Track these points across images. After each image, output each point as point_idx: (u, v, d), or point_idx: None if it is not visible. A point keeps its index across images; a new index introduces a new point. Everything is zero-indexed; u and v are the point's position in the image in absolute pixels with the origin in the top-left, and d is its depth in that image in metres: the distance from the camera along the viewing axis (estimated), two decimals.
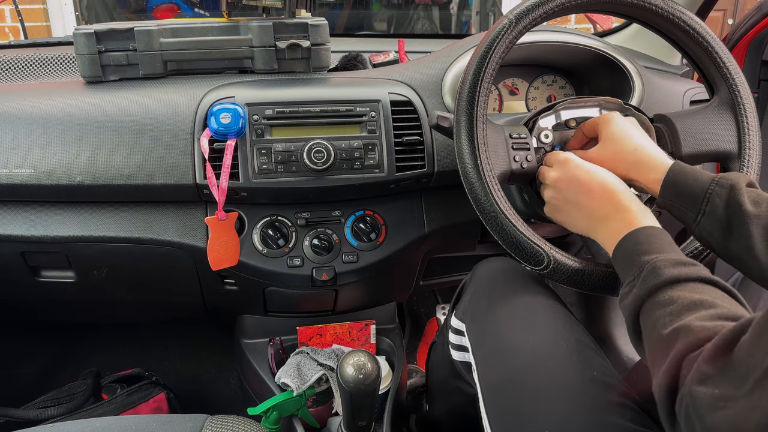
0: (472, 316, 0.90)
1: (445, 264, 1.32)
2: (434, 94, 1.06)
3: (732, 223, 0.70)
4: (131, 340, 1.63)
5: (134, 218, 1.00)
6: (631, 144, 0.81)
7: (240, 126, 0.94)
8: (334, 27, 3.22)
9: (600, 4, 0.88)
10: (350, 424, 0.93)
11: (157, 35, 1.02)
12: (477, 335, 0.87)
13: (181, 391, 1.42)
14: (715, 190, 0.72)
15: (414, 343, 1.68)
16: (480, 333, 0.86)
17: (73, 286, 1.10)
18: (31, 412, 1.21)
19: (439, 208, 1.10)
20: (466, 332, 0.90)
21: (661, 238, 0.69)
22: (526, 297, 0.86)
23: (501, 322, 0.84)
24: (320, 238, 1.03)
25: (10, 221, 1.00)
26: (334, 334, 1.17)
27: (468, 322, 0.90)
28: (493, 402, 0.77)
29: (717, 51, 0.89)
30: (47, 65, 1.17)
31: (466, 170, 0.81)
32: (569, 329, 0.80)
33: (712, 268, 1.43)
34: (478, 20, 3.59)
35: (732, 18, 3.78)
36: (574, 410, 0.69)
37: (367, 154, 0.99)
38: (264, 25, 1.03)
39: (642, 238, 0.69)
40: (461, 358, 0.94)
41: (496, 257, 1.01)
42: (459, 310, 0.95)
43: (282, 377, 1.08)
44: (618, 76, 1.12)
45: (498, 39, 0.83)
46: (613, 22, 1.57)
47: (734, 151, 0.89)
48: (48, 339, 1.60)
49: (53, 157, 0.94)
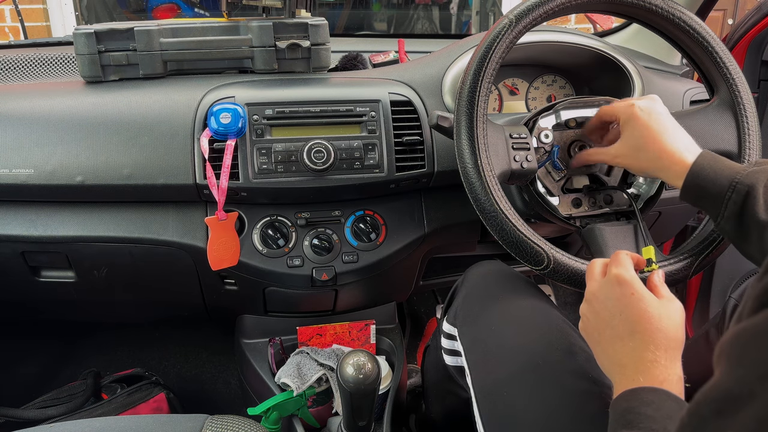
0: (464, 320, 0.89)
1: (445, 264, 1.32)
2: (434, 94, 1.06)
3: (748, 229, 0.69)
4: (131, 340, 1.63)
5: (134, 218, 1.00)
6: (654, 143, 0.78)
7: (240, 126, 0.94)
8: (334, 27, 3.23)
9: (600, 4, 0.88)
10: (350, 424, 0.93)
11: (157, 35, 1.02)
12: (470, 339, 0.86)
13: (181, 391, 1.42)
14: (732, 198, 0.70)
15: (414, 343, 1.68)
16: (473, 337, 0.86)
17: (73, 286, 1.10)
18: (31, 412, 1.21)
19: (439, 208, 1.10)
20: (458, 336, 0.89)
21: (660, 406, 0.57)
22: (518, 300, 0.86)
23: (493, 326, 0.83)
24: (320, 238, 1.03)
25: (10, 221, 1.00)
26: (334, 334, 1.17)
27: (460, 326, 0.90)
28: (486, 406, 0.77)
29: (717, 51, 0.89)
30: (47, 65, 1.16)
31: (466, 170, 0.81)
32: (563, 333, 0.79)
33: (711, 269, 1.43)
34: (478, 20, 3.59)
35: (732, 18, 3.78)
36: (568, 414, 0.69)
37: (367, 154, 0.99)
38: (264, 25, 1.03)
39: (635, 403, 0.57)
40: (454, 363, 0.93)
41: (488, 260, 1.01)
42: (450, 315, 0.94)
43: (282, 377, 1.08)
44: (618, 76, 1.12)
45: (498, 39, 0.83)
46: (613, 22, 1.57)
47: (734, 151, 0.89)
48: (48, 339, 1.60)
49: (53, 157, 0.94)
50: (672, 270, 0.84)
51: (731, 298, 1.20)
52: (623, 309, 0.64)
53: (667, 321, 0.63)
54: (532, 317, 0.82)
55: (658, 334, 0.62)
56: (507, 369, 0.77)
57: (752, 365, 0.34)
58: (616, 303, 0.65)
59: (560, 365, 0.74)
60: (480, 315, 0.86)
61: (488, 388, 0.78)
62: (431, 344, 1.07)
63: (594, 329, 0.68)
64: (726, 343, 0.36)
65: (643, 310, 0.63)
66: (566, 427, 0.68)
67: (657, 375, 0.60)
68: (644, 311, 0.63)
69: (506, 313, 0.84)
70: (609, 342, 0.65)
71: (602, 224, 0.89)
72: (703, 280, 1.46)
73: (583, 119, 0.94)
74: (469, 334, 0.87)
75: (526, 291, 0.88)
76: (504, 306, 0.85)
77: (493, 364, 0.79)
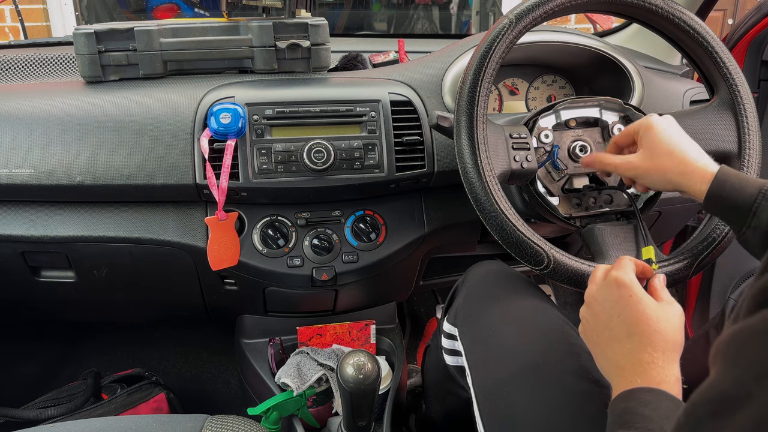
0: (465, 320, 0.89)
1: (445, 264, 1.32)
2: (434, 94, 1.06)
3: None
4: (131, 340, 1.63)
5: (134, 218, 1.00)
6: (675, 153, 0.76)
7: (240, 126, 0.94)
8: (334, 27, 3.22)
9: (600, 4, 0.88)
10: (350, 424, 0.93)
11: (157, 35, 1.02)
12: (470, 339, 0.86)
13: (181, 391, 1.42)
14: (762, 205, 0.68)
15: (414, 343, 1.68)
16: (473, 337, 0.86)
17: (73, 286, 1.10)
18: (31, 412, 1.21)
19: (439, 208, 1.10)
20: (459, 336, 0.89)
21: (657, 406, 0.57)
22: (519, 300, 0.86)
23: (494, 326, 0.83)
24: (320, 238, 1.03)
25: (10, 221, 1.00)
26: (334, 334, 1.17)
27: (460, 326, 0.90)
28: (487, 406, 0.77)
29: (717, 51, 0.89)
30: (47, 65, 1.17)
31: (466, 170, 0.81)
32: (563, 333, 0.79)
33: (711, 269, 1.43)
34: (478, 20, 3.59)
35: (732, 18, 3.78)
36: (568, 414, 0.69)
37: (367, 154, 0.99)
38: (264, 25, 1.03)
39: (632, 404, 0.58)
40: (455, 363, 0.93)
41: (489, 260, 1.01)
42: (451, 314, 0.95)
43: (282, 377, 1.08)
44: (618, 76, 1.12)
45: (498, 39, 0.83)
46: (613, 22, 1.57)
47: (734, 151, 0.89)
48: (48, 339, 1.60)
49: (53, 157, 0.94)
50: (672, 270, 0.84)
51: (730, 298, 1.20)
52: (621, 311, 0.65)
53: (665, 324, 0.63)
54: (532, 317, 0.82)
55: (656, 336, 0.62)
56: (507, 369, 0.76)
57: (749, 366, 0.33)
58: (614, 305, 0.66)
59: (561, 365, 0.74)
60: (480, 315, 0.86)
61: (489, 388, 0.78)
62: (432, 344, 1.07)
63: (593, 331, 0.68)
64: (722, 343, 0.36)
65: (641, 312, 0.63)
66: (567, 428, 0.68)
67: (654, 376, 0.60)
68: (642, 313, 0.63)
69: (507, 313, 0.84)
70: (607, 343, 0.65)
71: (602, 224, 0.89)
72: (703, 280, 1.45)
73: (583, 119, 0.94)
74: (469, 333, 0.87)
75: (526, 291, 0.88)
76: (504, 306, 0.85)
77: (493, 364, 0.79)
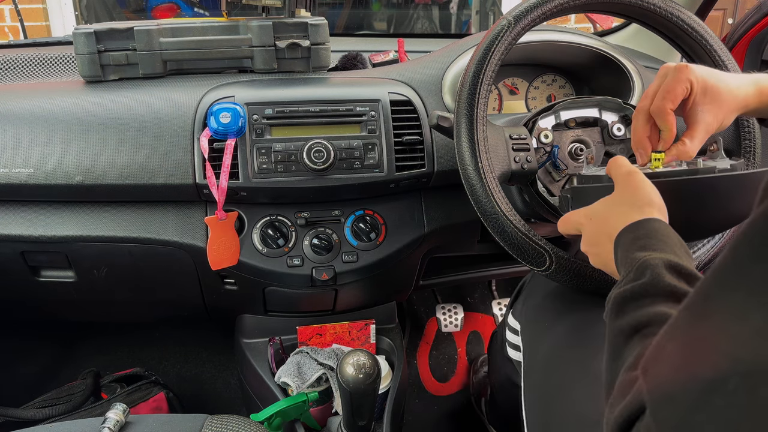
0: (527, 324, 0.90)
1: (445, 264, 1.32)
2: (434, 94, 1.06)
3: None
4: (131, 340, 1.63)
5: (134, 218, 1.00)
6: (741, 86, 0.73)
7: (240, 125, 0.94)
8: (334, 26, 3.22)
9: (600, 4, 0.88)
10: (350, 423, 0.93)
11: (157, 35, 1.02)
12: (529, 342, 0.87)
13: (181, 391, 1.42)
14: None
15: (414, 343, 1.68)
16: (531, 342, 0.86)
17: (72, 286, 1.10)
18: (31, 412, 1.21)
19: (438, 208, 1.10)
20: (521, 333, 0.90)
21: (666, 233, 0.58)
22: (580, 313, 0.80)
23: (551, 339, 0.79)
24: (320, 238, 1.03)
25: (10, 221, 1.00)
26: (333, 334, 1.17)
27: (524, 324, 0.91)
28: (533, 410, 0.78)
29: (716, 50, 0.89)
30: (47, 65, 1.16)
31: (466, 172, 0.81)
32: None
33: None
34: (477, 20, 3.59)
35: (732, 18, 3.78)
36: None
37: (367, 153, 0.99)
38: (264, 24, 1.03)
39: (642, 232, 0.59)
40: (516, 357, 0.95)
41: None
42: (516, 310, 0.95)
43: (282, 376, 1.08)
44: (618, 76, 1.12)
45: (497, 39, 0.83)
46: (613, 22, 1.57)
47: (734, 150, 0.89)
48: (48, 339, 1.60)
49: (53, 156, 0.94)
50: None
51: None
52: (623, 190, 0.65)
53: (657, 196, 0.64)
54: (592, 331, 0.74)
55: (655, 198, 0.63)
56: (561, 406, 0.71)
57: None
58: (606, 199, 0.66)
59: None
60: (540, 320, 0.85)
61: (536, 398, 0.78)
62: (498, 332, 1.08)
63: (592, 234, 0.67)
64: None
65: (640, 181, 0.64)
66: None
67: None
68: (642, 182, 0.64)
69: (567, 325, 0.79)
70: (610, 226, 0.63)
71: None
72: None
73: (583, 119, 0.94)
74: (529, 335, 0.86)
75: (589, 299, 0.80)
76: (565, 318, 0.80)
77: (546, 377, 0.77)
